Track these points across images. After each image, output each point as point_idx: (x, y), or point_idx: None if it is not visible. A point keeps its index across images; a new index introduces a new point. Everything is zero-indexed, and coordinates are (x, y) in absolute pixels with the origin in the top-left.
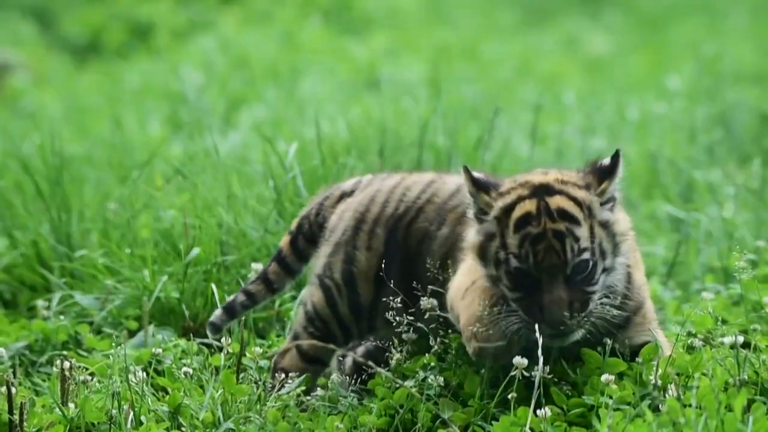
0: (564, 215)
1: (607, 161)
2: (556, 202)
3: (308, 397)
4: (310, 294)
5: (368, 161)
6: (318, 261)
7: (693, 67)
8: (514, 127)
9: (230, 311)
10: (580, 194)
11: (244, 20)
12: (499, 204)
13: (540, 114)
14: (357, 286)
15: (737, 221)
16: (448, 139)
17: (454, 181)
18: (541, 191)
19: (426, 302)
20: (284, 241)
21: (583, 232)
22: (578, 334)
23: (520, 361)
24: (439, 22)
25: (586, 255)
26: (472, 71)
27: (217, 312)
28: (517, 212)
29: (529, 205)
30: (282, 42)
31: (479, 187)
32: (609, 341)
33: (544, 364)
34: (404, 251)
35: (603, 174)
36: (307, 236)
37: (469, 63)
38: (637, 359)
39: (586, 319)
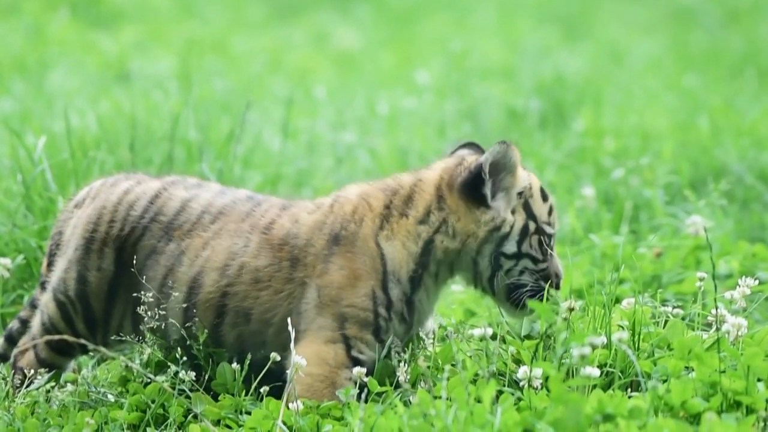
0: None
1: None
2: None
3: (58, 393)
4: (46, 305)
5: (119, 155)
6: (54, 273)
7: (441, 62)
8: (266, 121)
9: (10, 339)
10: None
11: None
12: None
13: (291, 108)
14: (90, 304)
15: None
16: (200, 132)
17: (180, 197)
18: None
19: (148, 319)
20: (43, 265)
21: None
22: None
23: (275, 356)
24: (189, 15)
25: None
26: (223, 65)
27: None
28: (536, 183)
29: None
30: (29, 35)
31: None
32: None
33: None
34: (131, 267)
35: None
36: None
37: (220, 57)
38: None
39: None
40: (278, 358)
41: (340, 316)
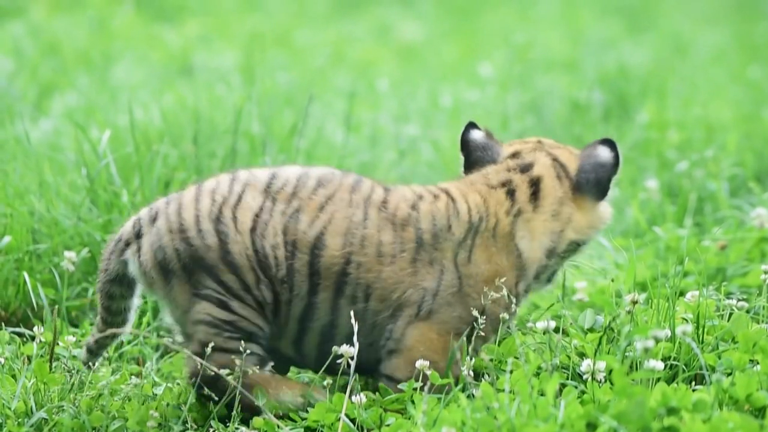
0: None
1: None
2: None
3: (122, 386)
4: (196, 312)
5: (182, 149)
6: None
7: (504, 54)
8: (329, 115)
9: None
10: None
11: (55, 6)
12: None
13: (354, 101)
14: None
15: None
16: (263, 126)
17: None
18: None
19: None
20: None
21: None
22: None
23: (346, 349)
24: (252, 9)
25: None
26: (286, 59)
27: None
28: None
29: None
30: (94, 29)
31: None
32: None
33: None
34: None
35: None
36: None
37: (283, 50)
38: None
39: None
40: (351, 353)
41: (479, 310)
